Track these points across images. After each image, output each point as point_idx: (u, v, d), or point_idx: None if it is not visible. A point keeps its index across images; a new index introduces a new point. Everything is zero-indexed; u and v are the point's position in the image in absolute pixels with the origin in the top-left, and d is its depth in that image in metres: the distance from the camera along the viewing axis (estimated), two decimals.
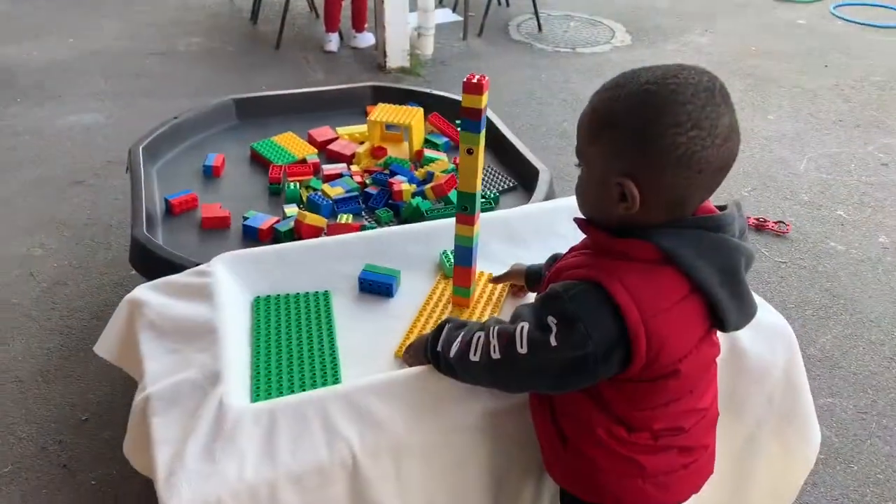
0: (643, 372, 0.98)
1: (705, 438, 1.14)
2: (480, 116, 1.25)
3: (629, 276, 0.94)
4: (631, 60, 4.54)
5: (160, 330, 1.37)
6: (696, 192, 0.94)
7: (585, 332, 0.94)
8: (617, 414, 1.05)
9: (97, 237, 2.79)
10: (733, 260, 0.97)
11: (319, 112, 2.65)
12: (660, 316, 0.94)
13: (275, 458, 1.13)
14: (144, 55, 4.52)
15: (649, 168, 0.91)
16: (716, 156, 0.90)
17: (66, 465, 1.90)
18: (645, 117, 0.90)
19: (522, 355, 1.02)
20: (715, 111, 0.89)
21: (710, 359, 1.10)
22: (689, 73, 0.91)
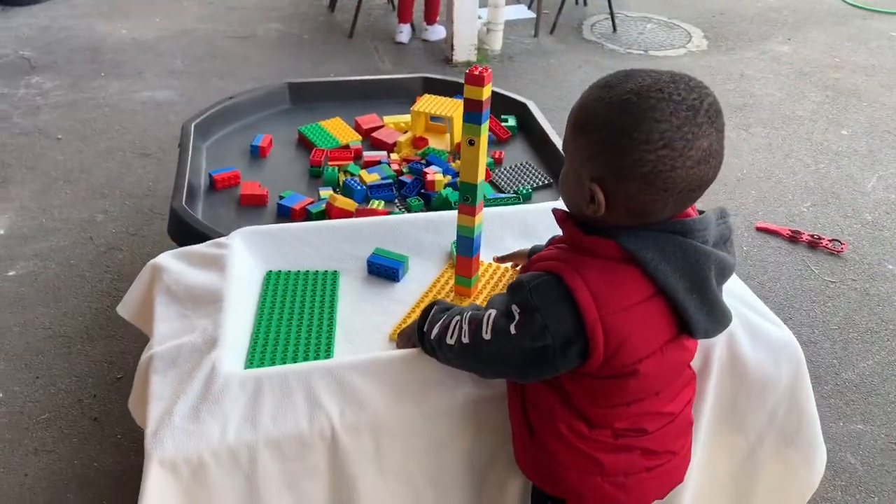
0: (602, 369, 0.98)
1: (672, 444, 1.13)
2: (482, 108, 1.26)
3: (591, 273, 0.95)
4: (704, 65, 4.43)
5: (174, 295, 1.44)
6: (664, 207, 0.93)
7: (543, 324, 0.95)
8: (578, 409, 1.06)
9: (155, 207, 2.93)
10: (700, 265, 0.96)
11: (370, 100, 2.70)
12: (619, 314, 0.94)
13: (256, 424, 1.18)
14: (223, 38, 4.69)
15: (615, 177, 0.92)
16: (684, 177, 0.89)
17: (97, 419, 2.01)
18: (619, 128, 0.89)
19: (486, 341, 1.03)
20: (692, 132, 0.87)
21: (680, 363, 1.09)
22: (678, 86, 0.89)
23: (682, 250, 0.95)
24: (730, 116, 3.83)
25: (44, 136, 3.46)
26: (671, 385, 1.09)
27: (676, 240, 0.95)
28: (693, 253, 0.95)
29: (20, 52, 4.36)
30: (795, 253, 2.77)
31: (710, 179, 0.92)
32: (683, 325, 1.00)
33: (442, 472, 1.28)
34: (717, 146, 0.91)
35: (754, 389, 1.40)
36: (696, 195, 0.94)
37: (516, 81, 4.14)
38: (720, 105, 0.92)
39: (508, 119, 2.52)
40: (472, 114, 1.30)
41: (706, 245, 0.97)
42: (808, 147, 3.55)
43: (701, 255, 0.96)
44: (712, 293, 0.98)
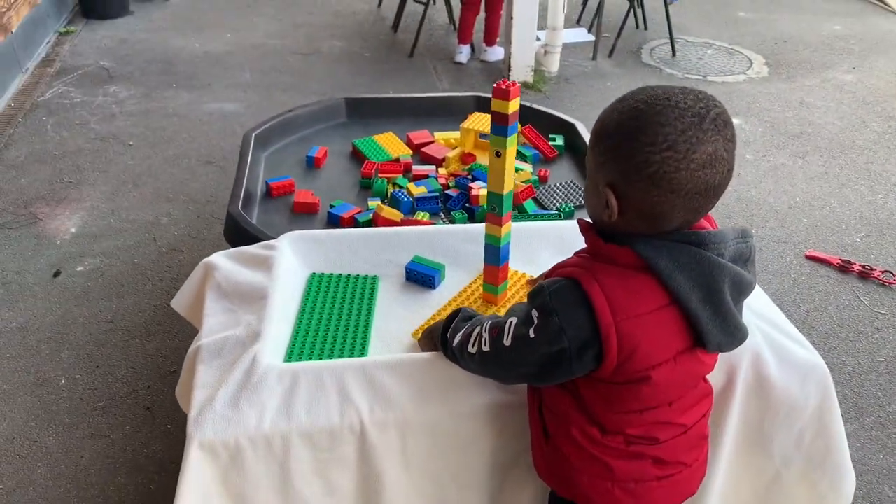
0: (615, 374, 1.02)
1: (684, 456, 1.15)
2: (509, 121, 1.32)
3: (607, 279, 0.99)
4: (764, 92, 4.40)
5: (224, 292, 1.54)
6: (673, 210, 0.97)
7: (560, 327, 1.00)
8: (592, 413, 1.09)
9: (215, 213, 3.07)
10: (714, 277, 0.99)
11: (423, 117, 2.78)
12: (633, 320, 0.98)
13: (290, 414, 1.25)
14: (289, 53, 4.87)
15: (625, 181, 0.97)
16: (689, 179, 0.93)
17: (150, 408, 2.13)
18: (627, 133, 0.95)
19: (507, 347, 1.08)
20: (697, 136, 0.92)
21: (695, 375, 1.11)
22: (685, 97, 0.94)
23: (695, 261, 0.98)
24: (786, 144, 3.79)
25: (117, 142, 3.65)
26: (685, 396, 1.11)
27: (691, 250, 0.98)
28: (707, 264, 0.98)
29: (100, 62, 4.61)
30: (845, 283, 2.73)
31: (716, 185, 0.95)
32: (697, 338, 1.03)
33: (465, 470, 1.33)
34: (724, 153, 0.94)
35: (781, 411, 1.41)
36: (705, 201, 0.97)
37: (571, 103, 4.19)
38: (729, 117, 0.97)
39: (556, 139, 2.57)
40: (499, 126, 1.35)
41: (721, 258, 1.00)
42: (865, 177, 3.49)
43: (715, 266, 0.99)
44: (726, 306, 1.01)
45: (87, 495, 1.88)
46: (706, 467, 1.24)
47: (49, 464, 1.96)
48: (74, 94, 4.17)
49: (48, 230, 2.95)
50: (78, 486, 1.91)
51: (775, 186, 3.40)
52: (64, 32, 5.09)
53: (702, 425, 1.18)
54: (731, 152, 0.96)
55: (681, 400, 1.11)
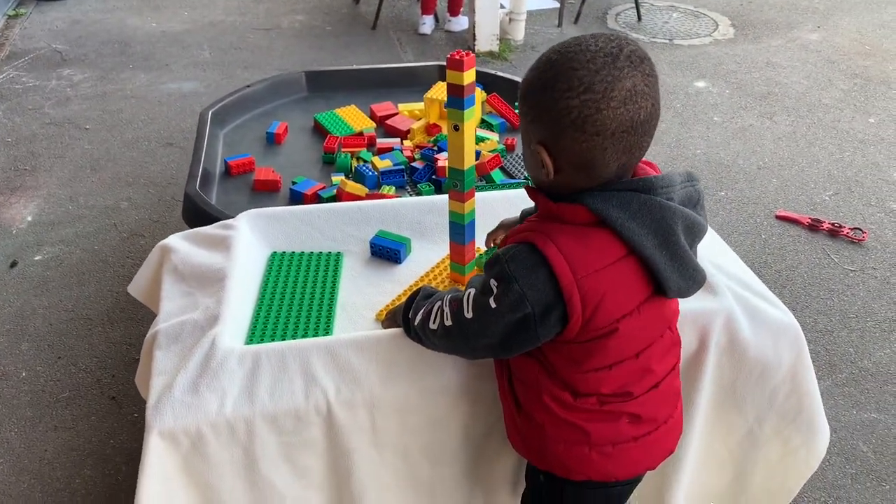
0: (582, 332, 1.00)
1: (658, 411, 1.13)
2: (464, 93, 1.26)
3: (563, 238, 0.97)
4: (730, 54, 4.38)
5: (181, 274, 1.48)
6: (605, 154, 0.94)
7: (521, 292, 0.97)
8: (562, 377, 1.07)
9: (177, 196, 2.99)
10: (667, 221, 0.97)
11: (386, 88, 2.72)
12: (593, 276, 0.96)
13: (253, 398, 1.20)
14: (249, 30, 4.75)
15: (550, 133, 0.96)
16: (612, 118, 0.91)
17: (115, 398, 2.07)
18: (543, 84, 0.94)
19: (469, 320, 1.05)
20: (612, 74, 0.91)
21: (660, 323, 1.09)
22: (596, 40, 0.94)
23: (646, 207, 0.96)
24: (754, 105, 3.78)
25: (73, 127, 3.54)
26: (652, 346, 1.09)
27: (640, 197, 0.97)
28: (658, 209, 0.97)
29: (53, 45, 4.46)
30: (816, 241, 2.73)
31: (643, 120, 0.93)
32: (658, 284, 1.01)
33: (437, 446, 1.30)
34: (645, 88, 0.92)
35: (754, 372, 1.39)
36: (635, 139, 0.95)
37: None
38: (645, 53, 0.95)
39: None
40: (454, 99, 1.28)
41: (671, 202, 0.98)
42: (833, 135, 3.49)
43: (666, 210, 0.97)
44: (682, 249, 0.99)
45: (52, 489, 1.83)
46: (682, 425, 1.22)
47: (11, 459, 1.90)
48: (26, 78, 4.04)
49: (3, 220, 2.85)
50: (42, 480, 1.85)
51: (744, 147, 3.38)
52: (13, 15, 4.92)
53: (673, 378, 1.16)
54: (653, 87, 0.94)
55: (648, 350, 1.08)
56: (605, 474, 1.11)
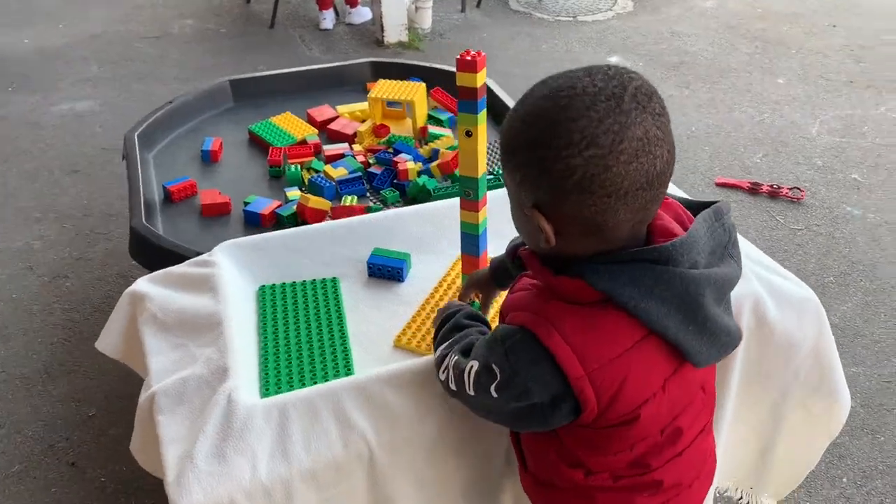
0: (599, 420, 0.88)
1: (684, 476, 1.00)
2: (478, 96, 1.18)
3: (569, 325, 0.83)
4: (633, 27, 4.45)
5: (163, 324, 1.32)
6: (616, 216, 0.80)
7: (526, 387, 0.86)
8: (575, 457, 0.96)
9: (97, 227, 2.73)
10: (691, 295, 0.83)
11: (317, 91, 2.58)
12: (608, 366, 0.83)
13: (288, 455, 1.08)
14: (136, 39, 4.43)
15: (550, 197, 0.81)
16: (624, 175, 0.77)
17: (75, 463, 1.86)
18: (536, 139, 0.79)
19: (472, 396, 0.95)
20: (619, 122, 0.76)
21: (688, 394, 0.96)
22: (593, 79, 0.79)
23: (664, 282, 0.81)
24: (668, 76, 3.85)
25: None
26: (682, 416, 0.95)
27: (655, 270, 0.81)
28: (679, 283, 0.82)
29: None
30: (758, 205, 2.80)
31: (660, 172, 0.79)
32: (684, 357, 0.88)
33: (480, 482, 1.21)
34: (658, 132, 0.78)
35: (780, 351, 1.38)
36: (651, 194, 0.80)
37: (451, 59, 4.04)
38: (652, 88, 0.81)
39: None
40: (467, 102, 1.21)
41: (696, 269, 0.83)
42: (749, 99, 3.60)
43: (690, 283, 0.82)
44: (711, 321, 0.85)
45: None
46: (713, 477, 1.10)
47: None
48: None
49: None
50: None
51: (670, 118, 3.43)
52: None
53: (703, 439, 1.01)
54: (666, 129, 0.80)
55: (676, 420, 0.95)
56: None
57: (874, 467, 1.80)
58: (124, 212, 2.80)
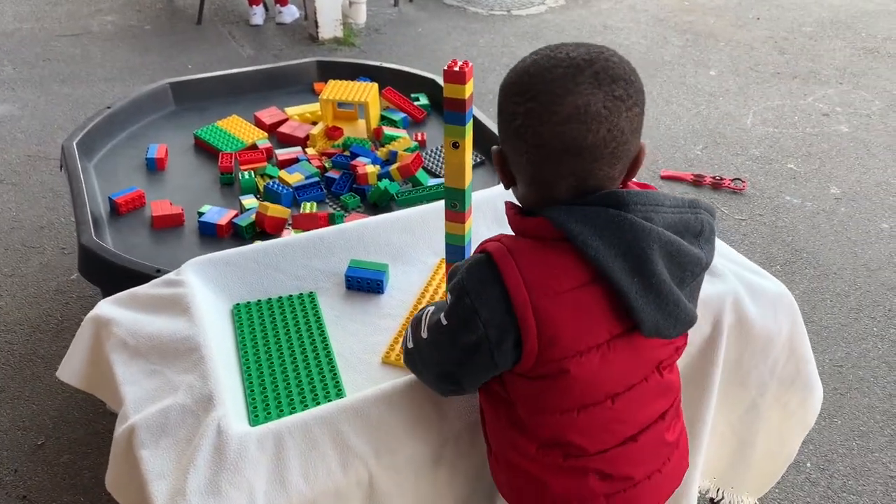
0: (536, 365, 0.88)
1: (636, 468, 0.98)
2: (465, 107, 1.15)
3: (523, 252, 0.88)
4: (567, 20, 4.49)
5: (134, 350, 1.24)
6: (549, 171, 0.86)
7: (472, 307, 0.87)
8: (524, 421, 0.95)
9: (27, 241, 2.57)
10: (640, 243, 0.84)
11: (263, 92, 2.50)
12: (551, 298, 0.85)
13: (287, 485, 1.03)
14: (54, 37, 4.20)
15: (502, 141, 0.92)
16: (552, 134, 0.83)
17: (27, 497, 1.74)
18: (503, 84, 0.90)
19: (425, 340, 0.97)
20: (564, 87, 0.83)
21: (641, 365, 0.95)
22: (572, 49, 0.86)
23: (614, 223, 0.84)
24: None
25: None
26: (631, 392, 0.95)
27: (608, 212, 0.85)
28: (629, 228, 0.84)
29: None
30: (702, 196, 2.87)
31: (591, 144, 0.83)
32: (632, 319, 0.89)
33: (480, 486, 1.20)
34: (603, 110, 0.82)
35: (758, 347, 1.40)
36: (581, 163, 0.84)
37: (389, 55, 4.00)
38: (623, 74, 0.84)
39: (419, 97, 2.41)
40: (454, 114, 1.18)
41: (649, 223, 0.85)
42: (684, 91, 3.68)
43: (639, 230, 0.84)
44: (659, 280, 0.86)
45: None
46: (679, 478, 1.08)
47: None
48: None
49: None
50: None
51: None
52: None
53: (662, 429, 1.00)
54: (617, 111, 0.83)
55: (625, 395, 0.94)
56: None
57: (834, 451, 1.86)
58: (57, 223, 2.66)
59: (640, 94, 0.86)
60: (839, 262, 2.52)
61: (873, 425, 1.93)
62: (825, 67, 3.92)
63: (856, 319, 2.27)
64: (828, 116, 3.45)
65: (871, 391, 2.03)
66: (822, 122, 3.41)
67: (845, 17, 4.53)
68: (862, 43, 4.20)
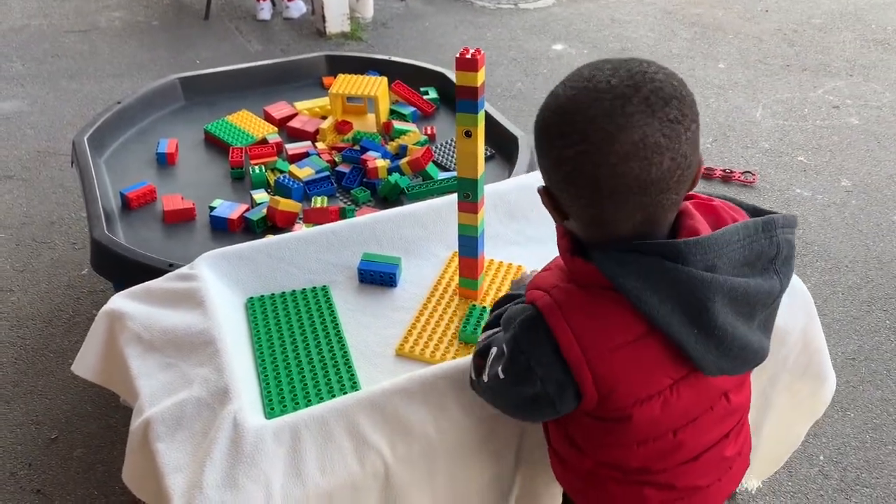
0: (599, 409, 0.89)
1: (699, 480, 0.98)
2: (477, 95, 1.16)
3: (576, 309, 0.84)
4: (575, 13, 4.47)
5: (149, 344, 1.25)
6: (606, 212, 0.81)
7: (527, 365, 0.87)
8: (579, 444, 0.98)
9: (38, 236, 2.58)
10: (697, 296, 0.80)
11: (271, 87, 2.50)
12: (606, 355, 0.84)
13: (303, 478, 1.04)
14: (62, 33, 4.21)
15: (551, 182, 0.85)
16: (611, 175, 0.77)
17: (41, 490, 1.75)
18: (541, 125, 0.83)
19: (486, 384, 0.96)
20: (616, 123, 0.76)
21: (706, 398, 0.93)
22: (614, 74, 0.78)
23: (670, 278, 0.80)
24: None
25: None
26: (697, 422, 0.94)
27: (664, 265, 0.80)
28: (686, 282, 0.80)
29: None
30: (713, 189, 2.85)
31: (656, 178, 0.77)
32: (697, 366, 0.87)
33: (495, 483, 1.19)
34: (662, 139, 0.76)
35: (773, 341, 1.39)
36: (648, 198, 0.79)
37: (397, 49, 3.99)
38: (674, 91, 0.78)
39: (429, 91, 2.40)
40: (466, 102, 1.19)
41: (712, 272, 0.81)
42: (693, 84, 3.65)
43: (696, 284, 0.80)
44: (721, 329, 0.83)
45: None
46: (738, 481, 1.08)
47: None
48: None
49: None
50: None
51: None
52: None
53: (723, 447, 0.99)
54: (676, 137, 0.77)
55: (691, 425, 0.93)
56: None
57: (847, 443, 1.86)
58: (68, 218, 2.67)
59: (694, 108, 0.80)
60: (851, 255, 2.50)
61: (886, 418, 1.93)
62: (835, 59, 3.89)
63: (868, 312, 2.26)
64: (838, 109, 3.43)
65: (884, 384, 2.02)
66: (832, 114, 3.39)
67: (854, 8, 4.50)
68: (872, 35, 4.18)
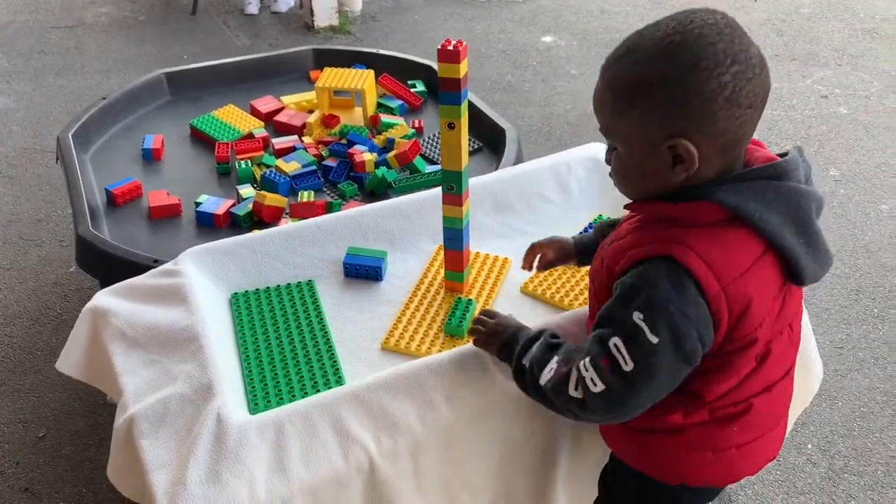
0: (724, 345, 0.92)
1: (767, 417, 1.03)
2: (460, 87, 1.15)
3: (700, 243, 0.88)
4: (564, 5, 4.45)
5: (133, 340, 1.24)
6: (748, 129, 0.89)
7: (682, 313, 0.87)
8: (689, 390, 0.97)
9: (25, 234, 2.57)
10: (803, 207, 0.91)
11: (258, 81, 2.48)
12: (738, 280, 0.88)
13: (287, 473, 1.04)
14: (48, 29, 4.17)
15: (700, 118, 0.86)
16: (760, 85, 0.87)
17: (29, 489, 1.75)
18: (682, 68, 0.86)
19: (631, 372, 0.90)
20: (743, 42, 0.87)
21: (785, 319, 0.98)
22: (702, 14, 0.88)
23: (782, 195, 0.90)
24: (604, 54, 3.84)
25: None
26: (773, 345, 0.98)
27: (773, 184, 0.90)
28: (794, 195, 0.90)
29: None
30: None
31: (769, 89, 0.90)
32: (791, 275, 0.94)
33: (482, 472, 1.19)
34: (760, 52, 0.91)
35: None
36: (760, 115, 0.91)
37: (385, 43, 3.97)
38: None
39: (416, 84, 2.39)
40: (449, 94, 1.19)
41: (802, 185, 0.92)
42: None
43: (801, 195, 0.91)
44: (816, 234, 0.93)
45: None
46: (786, 429, 1.13)
47: None
48: None
49: None
50: None
51: None
52: None
53: (787, 382, 1.05)
54: None
55: (769, 349, 0.97)
56: (700, 480, 1.04)
57: (835, 431, 1.86)
58: (55, 216, 2.65)
59: None
60: (839, 244, 2.51)
61: (874, 406, 1.93)
62: (823, 49, 3.89)
63: (856, 301, 2.27)
64: (826, 98, 3.43)
65: (871, 372, 2.03)
66: (820, 103, 3.39)
67: None
68: (860, 24, 4.18)
